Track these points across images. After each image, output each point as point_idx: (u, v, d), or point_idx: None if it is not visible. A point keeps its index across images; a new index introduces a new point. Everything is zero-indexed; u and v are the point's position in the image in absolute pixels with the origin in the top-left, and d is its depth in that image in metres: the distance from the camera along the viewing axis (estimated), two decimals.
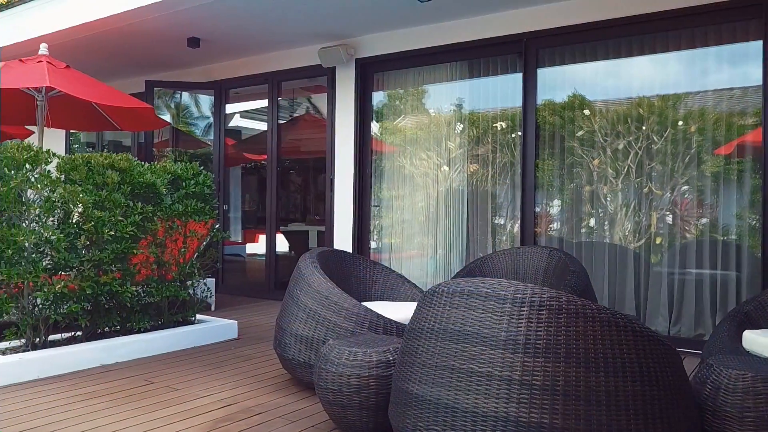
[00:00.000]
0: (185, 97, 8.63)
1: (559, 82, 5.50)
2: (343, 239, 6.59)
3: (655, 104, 5.06)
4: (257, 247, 9.72)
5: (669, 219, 5.03)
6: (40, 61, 5.37)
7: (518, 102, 5.66)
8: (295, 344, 3.55)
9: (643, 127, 5.07)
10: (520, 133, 5.66)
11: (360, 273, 4.30)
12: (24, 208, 3.87)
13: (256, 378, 3.90)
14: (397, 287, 4.25)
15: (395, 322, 3.46)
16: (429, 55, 6.13)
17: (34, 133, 7.97)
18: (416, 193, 6.36)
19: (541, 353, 2.13)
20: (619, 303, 5.15)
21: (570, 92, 5.44)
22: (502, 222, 5.87)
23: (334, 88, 6.67)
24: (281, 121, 7.50)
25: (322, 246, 7.05)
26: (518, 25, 5.53)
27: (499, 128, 5.83)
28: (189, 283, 4.88)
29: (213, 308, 6.13)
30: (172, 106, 8.48)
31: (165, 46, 6.91)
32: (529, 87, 5.52)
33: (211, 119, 8.50)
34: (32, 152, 3.89)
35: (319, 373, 2.97)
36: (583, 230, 5.40)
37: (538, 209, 5.54)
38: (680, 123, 4.93)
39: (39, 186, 3.89)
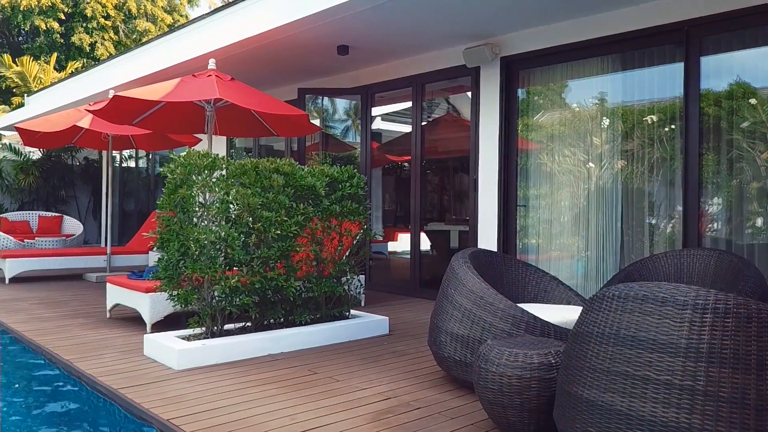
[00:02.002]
0: (326, 101, 9.05)
1: (725, 70, 5.10)
2: (487, 239, 6.57)
3: None
4: (398, 245, 9.98)
5: None
6: (210, 75, 5.90)
7: (675, 93, 5.32)
8: (451, 342, 3.62)
9: None
10: (673, 127, 5.32)
11: (512, 274, 4.28)
12: (203, 209, 4.29)
13: (412, 373, 4.03)
14: (550, 290, 4.18)
15: (552, 324, 3.42)
16: (578, 50, 5.93)
17: (200, 140, 8.77)
18: (561, 192, 6.19)
19: (728, 364, 2.02)
20: None
21: (732, 80, 5.03)
22: (655, 221, 5.55)
23: (479, 87, 6.66)
24: (423, 123, 7.63)
25: (465, 246, 7.09)
26: (678, 13, 5.20)
27: (650, 121, 5.52)
28: (344, 279, 5.14)
29: (363, 304, 6.39)
30: (314, 111, 8.92)
31: (316, 55, 7.30)
32: (692, 77, 5.17)
33: (349, 122, 8.85)
34: (210, 159, 4.31)
35: (479, 372, 3.01)
36: (748, 231, 4.96)
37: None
38: None
39: (217, 189, 4.30)
